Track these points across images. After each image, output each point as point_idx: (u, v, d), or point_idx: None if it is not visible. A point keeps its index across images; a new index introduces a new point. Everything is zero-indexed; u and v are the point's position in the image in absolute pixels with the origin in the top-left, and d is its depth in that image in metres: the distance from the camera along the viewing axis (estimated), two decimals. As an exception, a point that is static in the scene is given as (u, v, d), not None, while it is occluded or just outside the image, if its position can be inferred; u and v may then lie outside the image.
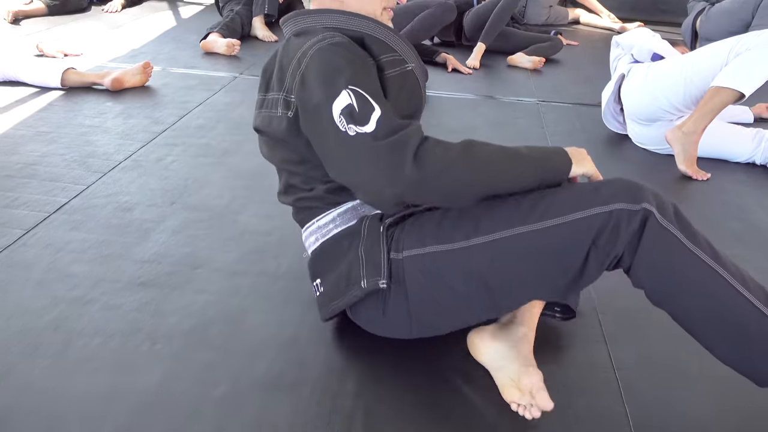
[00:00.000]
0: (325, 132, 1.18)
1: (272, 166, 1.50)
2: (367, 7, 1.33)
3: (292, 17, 1.36)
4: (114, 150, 2.49)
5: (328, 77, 1.18)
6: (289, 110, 1.27)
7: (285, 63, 1.28)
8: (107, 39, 4.15)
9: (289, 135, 1.29)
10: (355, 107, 1.14)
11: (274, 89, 1.31)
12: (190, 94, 3.16)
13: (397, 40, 1.34)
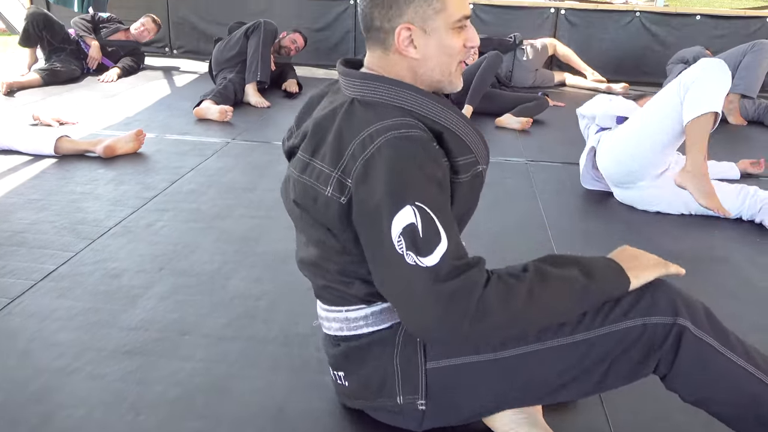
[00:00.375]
0: (379, 241, 1.06)
1: (266, 228, 1.46)
2: (444, 62, 1.18)
3: (359, 78, 1.19)
4: (104, 216, 2.48)
5: (396, 181, 1.05)
6: (342, 195, 1.11)
7: (347, 137, 1.13)
8: (102, 107, 4.22)
9: (337, 223, 1.14)
10: (419, 231, 1.02)
11: (326, 161, 1.14)
12: (182, 160, 3.19)
13: (474, 137, 1.21)
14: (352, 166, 1.10)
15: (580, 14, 5.78)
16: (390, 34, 1.15)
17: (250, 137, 3.68)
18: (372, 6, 1.15)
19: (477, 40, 1.20)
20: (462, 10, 1.16)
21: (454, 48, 1.17)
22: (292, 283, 2.00)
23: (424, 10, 1.13)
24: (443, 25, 1.15)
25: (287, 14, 5.96)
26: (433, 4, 1.13)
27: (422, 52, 1.16)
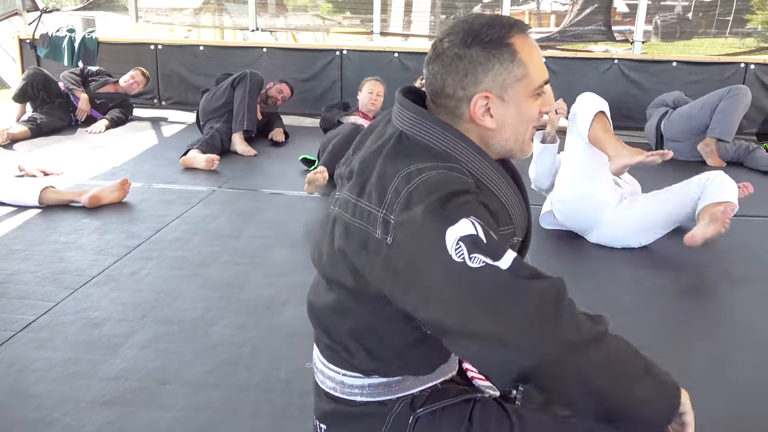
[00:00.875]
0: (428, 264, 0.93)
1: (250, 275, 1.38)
2: (520, 131, 1.10)
3: (415, 112, 1.08)
4: (87, 265, 2.47)
5: (446, 200, 0.94)
6: (388, 235, 0.98)
7: (390, 172, 1.02)
8: (89, 158, 4.24)
9: (380, 271, 1.00)
10: (482, 239, 0.91)
11: (373, 201, 1.02)
12: (168, 208, 3.19)
13: (519, 209, 1.12)
14: (395, 201, 0.98)
15: (561, 62, 5.92)
16: (463, 102, 1.06)
17: (237, 185, 3.70)
18: (445, 73, 1.06)
19: (552, 103, 1.14)
20: (543, 75, 1.08)
21: (532, 116, 1.09)
22: (275, 329, 1.99)
23: (504, 78, 1.04)
24: (523, 93, 1.06)
25: (274, 66, 6.07)
26: (515, 72, 1.04)
27: (499, 121, 1.07)
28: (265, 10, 7.54)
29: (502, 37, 1.04)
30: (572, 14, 6.33)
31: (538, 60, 1.07)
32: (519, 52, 1.04)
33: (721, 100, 4.44)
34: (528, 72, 1.05)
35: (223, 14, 7.33)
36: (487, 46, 1.04)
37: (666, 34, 7.09)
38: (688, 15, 11.59)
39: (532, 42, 1.08)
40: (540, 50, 1.10)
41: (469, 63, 1.04)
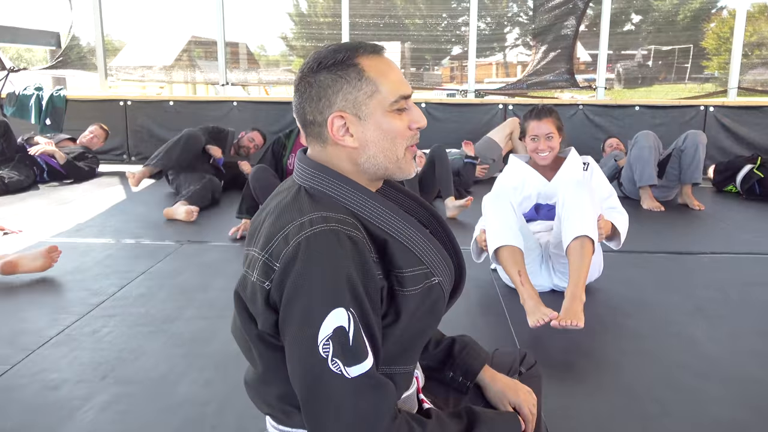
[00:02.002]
0: (302, 337, 0.97)
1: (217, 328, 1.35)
2: (387, 147, 1.10)
3: (312, 167, 1.11)
4: (46, 325, 2.37)
5: (332, 278, 0.97)
6: (267, 280, 1.01)
7: (284, 219, 1.04)
8: (53, 214, 4.14)
9: (261, 316, 1.03)
10: (350, 338, 0.96)
11: (258, 245, 1.05)
12: (133, 264, 3.11)
13: (425, 246, 1.11)
14: (281, 249, 1.00)
15: (526, 108, 6.04)
16: (323, 127, 1.09)
17: (203, 238, 3.63)
18: (302, 101, 1.10)
19: (423, 121, 1.12)
20: (398, 91, 1.08)
21: (396, 131, 1.09)
22: (242, 384, 1.90)
23: (354, 96, 1.07)
24: (378, 108, 1.07)
25: (244, 119, 6.10)
26: (364, 89, 1.06)
27: (360, 139, 1.08)
28: (237, 66, 7.62)
29: (346, 58, 1.07)
30: (535, 62, 6.49)
31: (392, 76, 1.09)
32: (366, 70, 1.07)
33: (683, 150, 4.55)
34: (378, 88, 1.07)
35: (195, 70, 7.38)
36: (332, 69, 1.07)
37: (628, 81, 7.32)
38: (648, 63, 12.01)
39: (386, 61, 1.10)
40: (397, 69, 1.12)
41: (319, 87, 1.08)
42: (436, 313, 1.14)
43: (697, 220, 4.26)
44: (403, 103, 1.09)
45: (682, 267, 3.18)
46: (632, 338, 2.31)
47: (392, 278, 1.06)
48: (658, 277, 3.01)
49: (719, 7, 8.04)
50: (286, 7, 8.09)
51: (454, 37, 9.15)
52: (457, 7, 8.13)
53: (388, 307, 1.06)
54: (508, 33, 8.57)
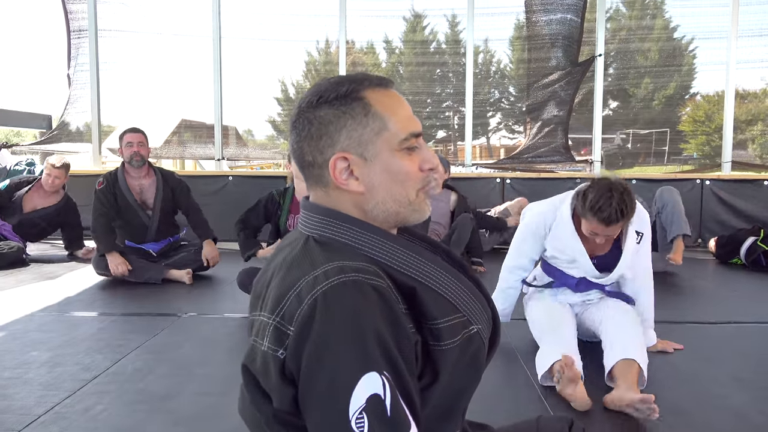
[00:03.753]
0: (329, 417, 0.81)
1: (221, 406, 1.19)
2: (397, 191, 0.96)
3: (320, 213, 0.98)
4: (34, 403, 2.15)
5: (357, 337, 0.82)
6: (280, 348, 0.86)
7: (294, 275, 0.90)
8: (40, 289, 3.94)
9: (276, 390, 0.88)
10: (387, 408, 0.80)
11: (267, 309, 0.91)
12: (127, 338, 2.90)
13: (459, 291, 0.97)
14: (295, 309, 0.85)
15: (524, 182, 6.05)
16: (324, 169, 0.96)
17: (203, 310, 3.44)
18: (300, 140, 0.97)
19: (435, 161, 0.99)
20: (409, 128, 0.97)
21: (405, 173, 0.97)
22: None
23: (360, 134, 0.94)
24: (386, 147, 0.95)
25: (240, 192, 6.03)
26: (371, 125, 0.94)
27: (366, 183, 0.96)
28: (227, 146, 7.61)
29: (351, 91, 0.95)
30: (530, 137, 6.56)
31: (401, 112, 0.97)
32: (373, 105, 0.95)
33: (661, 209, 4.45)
34: (387, 124, 0.95)
35: (185, 150, 7.39)
36: (334, 104, 0.95)
37: (609, 164, 7.43)
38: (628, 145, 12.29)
39: (394, 95, 0.99)
40: (407, 104, 1.00)
41: (319, 124, 0.95)
42: (478, 366, 0.99)
43: (707, 289, 4.15)
44: (413, 141, 0.97)
45: (708, 336, 3.04)
46: (676, 413, 2.14)
47: (425, 332, 0.91)
48: (687, 347, 2.86)
49: (692, 93, 8.32)
50: (274, 92, 8.22)
51: (438, 122, 9.33)
52: (441, 93, 8.32)
53: (423, 366, 0.91)
54: (491, 117, 8.79)
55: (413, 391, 0.86)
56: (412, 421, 0.82)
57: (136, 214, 4.31)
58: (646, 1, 8.21)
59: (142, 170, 4.34)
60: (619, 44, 7.24)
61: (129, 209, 4.30)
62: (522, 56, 7.12)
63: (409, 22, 7.92)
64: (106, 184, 4.28)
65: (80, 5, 6.64)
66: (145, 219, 4.34)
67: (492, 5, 6.59)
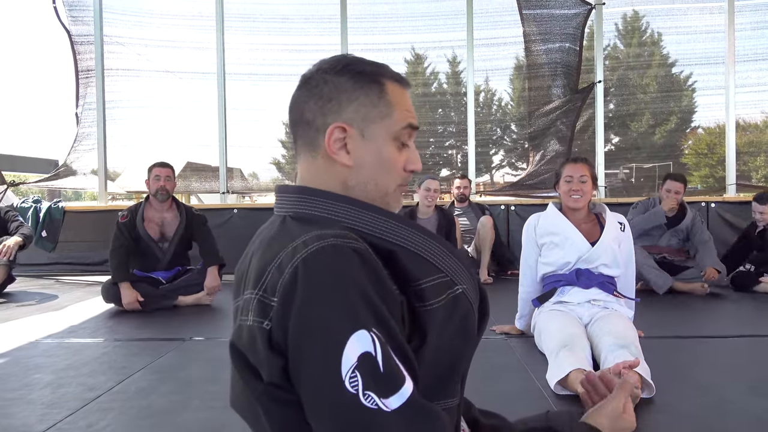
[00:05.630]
0: (320, 378, 0.80)
1: (228, 418, 1.16)
2: (381, 177, 1.00)
3: (293, 192, 1.00)
4: (35, 420, 2.11)
5: (343, 297, 0.81)
6: (265, 319, 0.86)
7: (273, 249, 0.90)
8: (44, 319, 3.91)
9: (264, 363, 0.86)
10: (380, 364, 0.79)
11: (249, 285, 0.92)
12: (131, 360, 2.87)
13: (440, 251, 0.97)
14: (276, 280, 0.85)
15: (528, 209, 6.05)
16: (320, 133, 0.98)
17: (208, 335, 3.41)
18: (308, 96, 0.99)
19: (419, 164, 1.03)
20: (408, 118, 1.01)
21: (394, 163, 1.00)
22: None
23: (367, 111, 0.97)
24: (385, 132, 0.99)
25: (244, 225, 6.04)
26: (380, 108, 0.98)
27: (356, 159, 0.98)
28: (232, 182, 7.67)
29: (374, 73, 1.00)
30: (534, 164, 6.59)
31: (406, 105, 1.02)
32: (388, 93, 1.00)
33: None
34: (393, 112, 0.99)
35: (192, 180, 7.44)
36: (357, 77, 0.99)
37: (613, 197, 7.47)
38: (632, 180, 12.29)
39: (405, 93, 1.03)
40: (411, 104, 1.04)
41: (334, 88, 0.98)
42: (469, 332, 0.98)
43: (713, 304, 4.10)
44: (408, 132, 1.02)
45: (720, 349, 2.98)
46: (690, 418, 2.08)
47: (410, 293, 0.91)
48: (703, 359, 2.81)
49: (693, 126, 8.41)
50: (278, 134, 8.31)
51: (441, 160, 9.41)
52: (443, 132, 8.42)
53: (411, 329, 0.90)
54: (494, 155, 8.87)
55: (406, 346, 0.85)
56: (407, 375, 0.81)
57: (150, 248, 4.37)
58: (643, 29, 8.36)
59: (165, 204, 4.42)
60: (619, 72, 7.34)
61: (143, 243, 4.36)
62: (523, 88, 7.23)
63: (410, 63, 8.07)
64: (129, 218, 4.34)
65: (88, 46, 6.79)
66: (158, 253, 4.39)
67: (491, 36, 6.72)
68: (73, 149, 6.84)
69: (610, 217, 2.88)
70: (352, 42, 6.77)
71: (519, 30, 6.55)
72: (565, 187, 2.86)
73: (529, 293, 2.93)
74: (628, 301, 2.86)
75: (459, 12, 6.70)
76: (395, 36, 6.98)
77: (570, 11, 6.37)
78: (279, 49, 6.97)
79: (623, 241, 2.87)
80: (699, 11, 6.63)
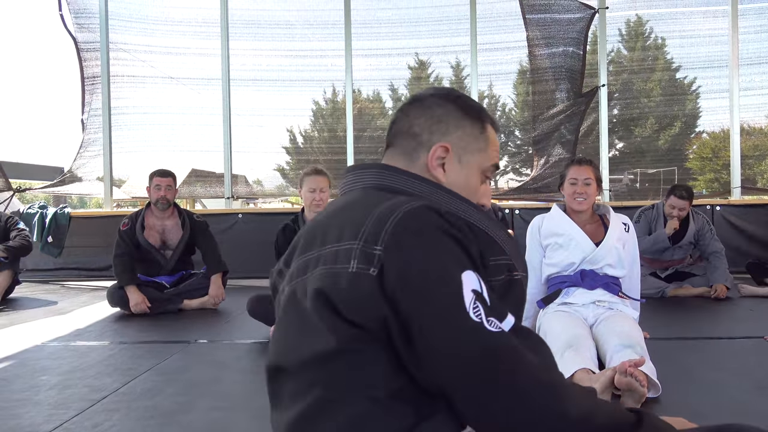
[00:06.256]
0: (444, 311, 0.86)
1: (234, 418, 1.18)
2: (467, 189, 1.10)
3: (376, 168, 1.08)
4: (42, 420, 2.12)
5: (446, 244, 0.90)
6: (371, 266, 0.90)
7: (365, 209, 0.96)
8: (50, 322, 3.93)
9: (369, 306, 0.89)
10: (485, 296, 0.88)
11: (344, 238, 0.95)
12: (137, 362, 2.87)
13: (508, 241, 1.06)
14: (379, 230, 0.92)
15: (532, 212, 6.03)
16: (423, 147, 1.09)
17: (214, 337, 3.41)
18: (420, 113, 1.10)
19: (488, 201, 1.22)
20: (496, 159, 1.15)
21: (475, 192, 1.12)
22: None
23: (468, 142, 1.10)
24: (477, 164, 1.12)
25: (249, 230, 6.05)
26: (479, 141, 1.12)
27: (449, 178, 1.09)
28: (237, 187, 7.70)
29: (480, 113, 1.14)
30: (538, 167, 6.59)
31: (497, 148, 1.16)
32: (487, 132, 1.13)
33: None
34: (488, 149, 1.13)
35: (197, 185, 7.46)
36: (467, 109, 1.12)
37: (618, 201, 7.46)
38: (636, 185, 12.23)
39: (496, 138, 1.17)
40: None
41: (445, 112, 1.10)
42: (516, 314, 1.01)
43: (718, 306, 4.09)
44: (492, 170, 1.15)
45: (727, 351, 2.97)
46: (697, 418, 2.07)
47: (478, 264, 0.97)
48: (710, 360, 2.80)
49: (697, 132, 8.38)
50: (282, 140, 8.32)
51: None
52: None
53: None
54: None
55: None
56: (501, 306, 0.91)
57: (151, 254, 4.39)
58: (647, 34, 8.36)
59: (166, 212, 4.43)
60: (622, 77, 7.34)
61: (144, 250, 4.38)
62: (526, 92, 7.23)
63: (414, 69, 8.08)
64: (130, 226, 4.35)
65: (94, 53, 6.83)
66: (161, 260, 4.41)
67: (494, 41, 6.73)
68: (78, 155, 6.87)
69: (614, 218, 2.89)
70: (356, 47, 6.80)
71: (522, 35, 6.56)
72: (569, 189, 2.86)
73: (534, 294, 2.91)
74: (633, 302, 2.85)
75: (462, 17, 6.72)
76: (399, 41, 7.01)
77: (573, 15, 6.38)
78: (283, 54, 7.01)
79: (627, 242, 2.87)
80: (702, 15, 6.64)
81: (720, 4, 6.52)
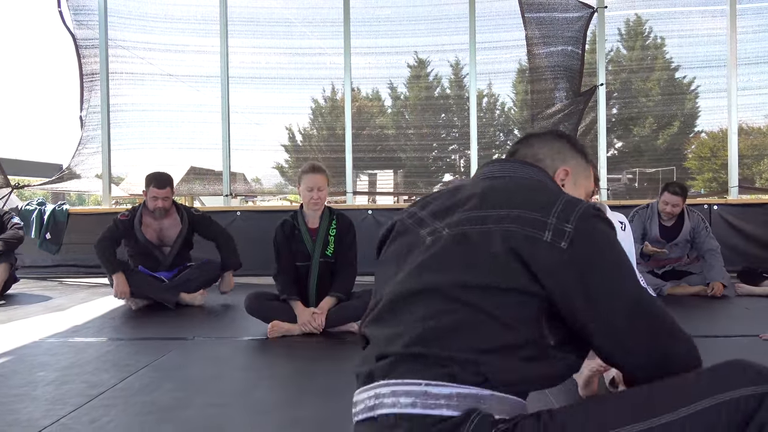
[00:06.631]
0: (623, 283, 1.14)
1: (231, 415, 1.24)
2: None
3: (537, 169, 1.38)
4: (40, 415, 2.12)
5: (612, 231, 1.19)
6: (562, 240, 1.13)
7: (542, 193, 1.23)
8: (48, 319, 3.93)
9: (551, 270, 1.12)
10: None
11: (528, 208, 1.17)
12: (135, 358, 2.88)
13: None
14: (569, 214, 1.15)
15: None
16: (549, 169, 1.40)
17: (212, 334, 3.42)
18: (543, 145, 1.42)
19: None
20: (592, 186, 1.48)
21: None
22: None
23: (580, 170, 1.44)
24: (584, 187, 1.45)
25: (248, 227, 6.05)
26: (586, 171, 1.46)
27: None
28: (235, 185, 7.71)
29: (584, 148, 1.49)
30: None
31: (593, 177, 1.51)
32: (590, 164, 1.48)
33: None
34: (591, 177, 1.47)
35: (195, 183, 7.45)
36: (577, 147, 1.47)
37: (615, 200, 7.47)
38: (635, 185, 12.22)
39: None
40: None
41: (562, 146, 1.44)
42: None
43: (715, 304, 4.10)
44: (591, 194, 1.49)
45: (723, 349, 2.99)
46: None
47: None
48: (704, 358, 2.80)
49: (696, 131, 8.38)
50: (281, 138, 8.32)
51: (444, 165, 9.40)
52: (446, 137, 8.42)
53: None
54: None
55: None
56: None
57: (149, 249, 4.41)
58: (646, 33, 8.37)
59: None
60: (621, 76, 7.35)
61: (142, 245, 4.41)
62: (525, 91, 7.23)
63: (413, 67, 8.09)
64: (129, 218, 4.38)
65: (93, 50, 6.83)
66: (159, 256, 4.42)
67: (493, 40, 6.74)
68: (77, 152, 6.86)
69: (610, 216, 2.90)
70: (355, 45, 6.80)
71: (521, 33, 6.57)
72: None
73: None
74: None
75: (461, 15, 6.72)
76: (398, 39, 7.01)
77: (572, 15, 6.39)
78: (282, 52, 7.01)
79: (624, 240, 2.88)
80: (701, 15, 6.65)
81: (718, 3, 6.53)
